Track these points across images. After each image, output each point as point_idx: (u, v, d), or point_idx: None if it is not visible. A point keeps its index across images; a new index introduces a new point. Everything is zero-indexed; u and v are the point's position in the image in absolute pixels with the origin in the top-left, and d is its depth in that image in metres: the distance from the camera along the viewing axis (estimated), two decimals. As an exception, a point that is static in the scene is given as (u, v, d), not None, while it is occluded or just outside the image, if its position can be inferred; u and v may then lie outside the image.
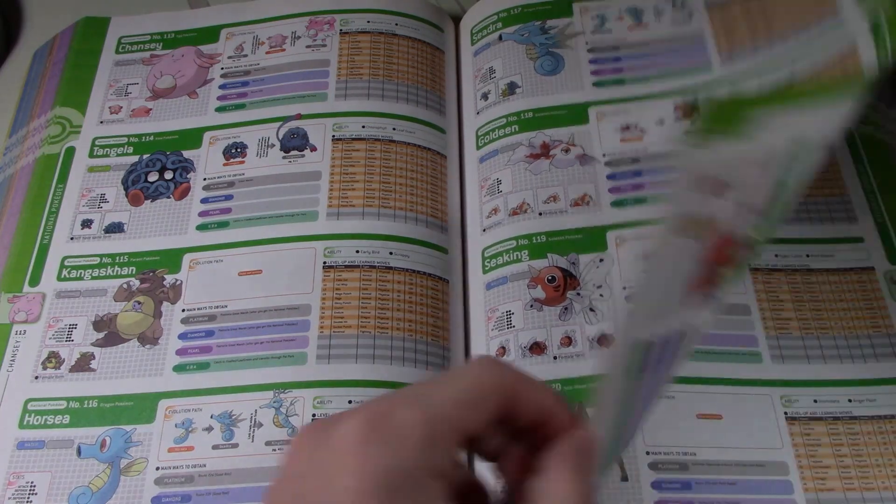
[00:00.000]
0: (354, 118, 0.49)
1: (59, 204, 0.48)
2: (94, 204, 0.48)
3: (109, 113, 0.52)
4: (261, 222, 0.46)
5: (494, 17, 0.53)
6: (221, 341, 0.43)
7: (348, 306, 0.43)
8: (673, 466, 0.38)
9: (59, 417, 0.41)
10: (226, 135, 0.50)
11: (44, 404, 0.42)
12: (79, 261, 0.46)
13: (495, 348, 0.43)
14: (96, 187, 0.49)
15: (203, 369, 0.42)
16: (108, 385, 0.42)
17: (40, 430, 0.41)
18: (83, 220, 0.47)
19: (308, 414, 0.40)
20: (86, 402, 0.41)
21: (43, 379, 0.42)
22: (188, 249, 0.46)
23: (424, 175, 0.48)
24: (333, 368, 0.41)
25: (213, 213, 0.47)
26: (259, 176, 0.48)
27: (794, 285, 0.44)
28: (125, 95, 0.52)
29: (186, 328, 0.43)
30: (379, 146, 0.48)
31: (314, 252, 0.45)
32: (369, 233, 0.46)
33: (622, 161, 0.47)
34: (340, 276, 0.44)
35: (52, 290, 0.45)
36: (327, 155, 0.48)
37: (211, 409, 0.41)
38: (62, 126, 0.51)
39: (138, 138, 0.50)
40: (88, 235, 0.47)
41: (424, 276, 0.45)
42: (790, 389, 0.41)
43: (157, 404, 0.41)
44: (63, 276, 0.46)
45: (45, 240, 0.47)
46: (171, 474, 0.39)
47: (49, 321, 0.44)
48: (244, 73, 0.52)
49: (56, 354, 0.43)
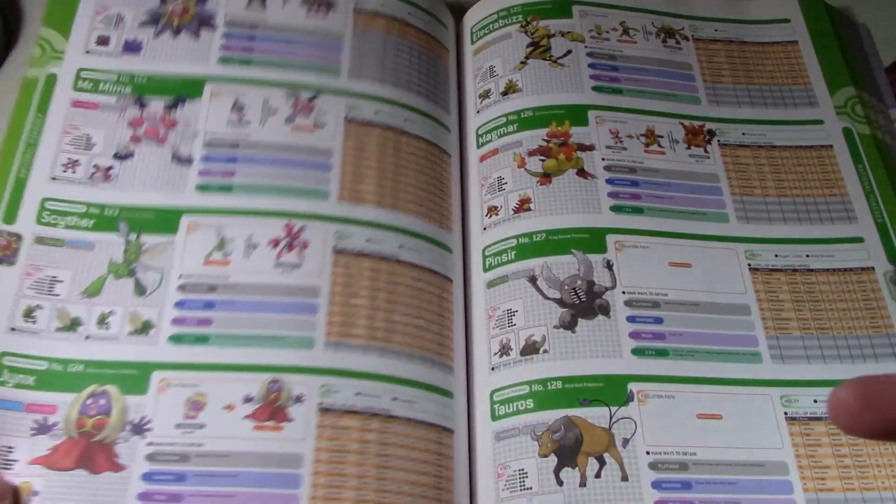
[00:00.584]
0: (368, 102, 0.48)
1: (38, 136, 0.44)
2: (80, 144, 0.44)
3: (96, 43, 0.48)
4: (268, 192, 0.44)
5: (494, 17, 0.53)
6: (222, 314, 0.41)
7: (360, 295, 0.42)
8: (673, 466, 0.38)
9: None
10: (230, 90, 0.47)
11: (21, 361, 0.39)
12: (62, 205, 0.43)
13: (496, 347, 0.42)
14: (82, 125, 0.45)
15: (202, 343, 0.40)
16: (97, 349, 0.40)
17: (18, 391, 0.38)
18: (67, 159, 0.44)
19: (314, 403, 0.39)
20: (69, 366, 0.39)
21: (20, 332, 0.40)
22: (187, 210, 0.44)
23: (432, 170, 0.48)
24: (342, 357, 0.41)
25: (214, 173, 0.45)
26: (265, 142, 0.46)
27: (794, 285, 0.44)
28: (115, 27, 0.48)
29: (184, 296, 0.41)
30: (392, 135, 0.48)
31: (325, 233, 0.43)
32: (381, 222, 0.45)
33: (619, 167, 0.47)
34: (351, 262, 0.43)
35: (30, 233, 0.42)
36: (340, 135, 0.47)
37: (210, 385, 0.39)
38: (42, 48, 0.48)
39: (130, 78, 0.47)
40: (73, 179, 0.43)
41: (432, 273, 0.45)
42: (790, 389, 0.41)
43: (150, 375, 0.39)
44: (44, 219, 0.42)
45: (23, 174, 0.43)
46: (165, 451, 0.38)
47: (27, 268, 0.41)
48: (250, 27, 0.49)
49: (36, 308, 0.40)
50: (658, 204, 0.46)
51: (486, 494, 0.39)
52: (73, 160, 0.44)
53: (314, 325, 0.41)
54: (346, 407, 0.39)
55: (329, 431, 0.39)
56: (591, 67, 0.51)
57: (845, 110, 0.50)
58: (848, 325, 0.43)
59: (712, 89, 0.51)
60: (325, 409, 0.39)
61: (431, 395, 0.41)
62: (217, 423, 0.38)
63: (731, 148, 0.49)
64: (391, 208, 0.45)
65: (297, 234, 0.43)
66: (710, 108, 0.50)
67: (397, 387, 0.41)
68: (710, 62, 0.52)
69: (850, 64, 0.53)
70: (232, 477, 0.37)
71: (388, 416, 0.40)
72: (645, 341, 0.42)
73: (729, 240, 0.45)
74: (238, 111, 0.46)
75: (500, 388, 0.41)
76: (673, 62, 0.52)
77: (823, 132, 0.50)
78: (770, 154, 0.49)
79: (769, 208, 0.47)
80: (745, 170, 0.48)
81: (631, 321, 0.42)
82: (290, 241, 0.43)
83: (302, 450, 0.38)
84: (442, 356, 0.43)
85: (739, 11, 0.55)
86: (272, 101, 0.47)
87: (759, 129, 0.50)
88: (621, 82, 0.50)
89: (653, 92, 0.50)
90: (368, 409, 0.40)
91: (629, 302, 0.43)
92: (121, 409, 0.38)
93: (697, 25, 0.54)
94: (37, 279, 0.41)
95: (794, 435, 0.40)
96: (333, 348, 0.41)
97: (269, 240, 0.43)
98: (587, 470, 0.38)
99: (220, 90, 0.47)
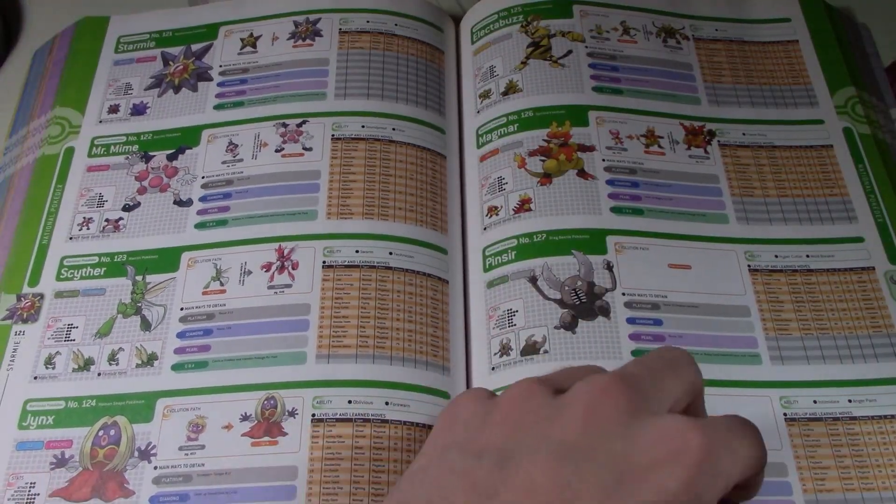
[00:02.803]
0: (354, 118, 0.49)
1: (58, 204, 0.48)
2: (93, 203, 0.48)
3: (108, 112, 0.52)
4: (260, 220, 0.46)
5: (495, 17, 0.53)
6: (219, 340, 0.43)
7: (349, 306, 0.43)
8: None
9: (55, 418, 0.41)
10: (224, 132, 0.50)
11: (43, 405, 0.41)
12: (78, 260, 0.46)
13: (496, 347, 0.43)
14: (95, 186, 0.49)
15: (201, 368, 0.42)
16: (107, 384, 0.42)
17: (39, 431, 0.41)
18: (82, 219, 0.47)
19: (307, 414, 0.40)
20: (83, 402, 0.41)
21: (42, 379, 0.42)
22: (187, 248, 0.46)
23: (424, 174, 0.48)
24: (333, 368, 0.41)
25: (211, 211, 0.47)
26: (257, 174, 0.48)
27: (794, 286, 0.44)
28: (124, 94, 0.52)
29: (185, 327, 0.43)
30: (379, 146, 0.48)
31: (314, 251, 0.45)
32: (369, 233, 0.45)
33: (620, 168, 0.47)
34: (340, 275, 0.44)
35: (50, 290, 0.45)
36: (327, 155, 0.48)
37: (210, 407, 0.41)
38: (61, 126, 0.51)
39: (136, 137, 0.50)
40: (87, 235, 0.47)
41: (424, 276, 0.45)
42: (790, 390, 0.41)
43: (155, 403, 0.41)
44: (62, 276, 0.46)
45: (45, 240, 0.47)
46: (169, 473, 0.39)
47: (48, 321, 0.44)
48: (242, 71, 0.52)
49: (55, 355, 0.43)
50: (658, 205, 0.46)
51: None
52: (87, 219, 0.48)
53: (306, 341, 0.42)
54: (339, 416, 0.40)
55: (322, 441, 0.40)
56: (592, 67, 0.51)
57: (845, 110, 0.50)
58: (848, 326, 0.43)
59: (712, 89, 0.51)
60: (317, 419, 0.40)
61: (426, 396, 0.41)
62: (216, 443, 0.40)
63: (731, 148, 0.49)
64: (379, 218, 0.46)
65: (288, 255, 0.45)
66: (711, 108, 0.50)
67: (389, 391, 0.41)
68: (711, 62, 0.52)
69: (851, 64, 0.53)
70: (232, 493, 0.38)
71: (381, 420, 0.40)
72: (645, 343, 0.42)
73: (729, 241, 0.45)
74: (232, 150, 0.49)
75: (500, 389, 0.41)
76: (673, 62, 0.52)
77: (824, 132, 0.50)
78: (770, 154, 0.49)
79: (769, 209, 0.47)
80: (745, 170, 0.48)
81: (631, 323, 0.42)
82: (282, 263, 0.45)
83: (296, 462, 0.39)
84: (437, 357, 0.43)
85: (740, 11, 0.55)
86: (263, 135, 0.49)
87: (760, 129, 0.50)
88: (621, 83, 0.50)
89: (653, 92, 0.50)
90: (361, 416, 0.40)
91: (629, 304, 0.43)
92: (129, 437, 0.40)
93: (698, 25, 0.54)
94: (55, 329, 0.44)
95: (793, 436, 0.40)
96: (325, 360, 0.42)
97: (262, 264, 0.45)
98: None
99: (215, 134, 0.50)
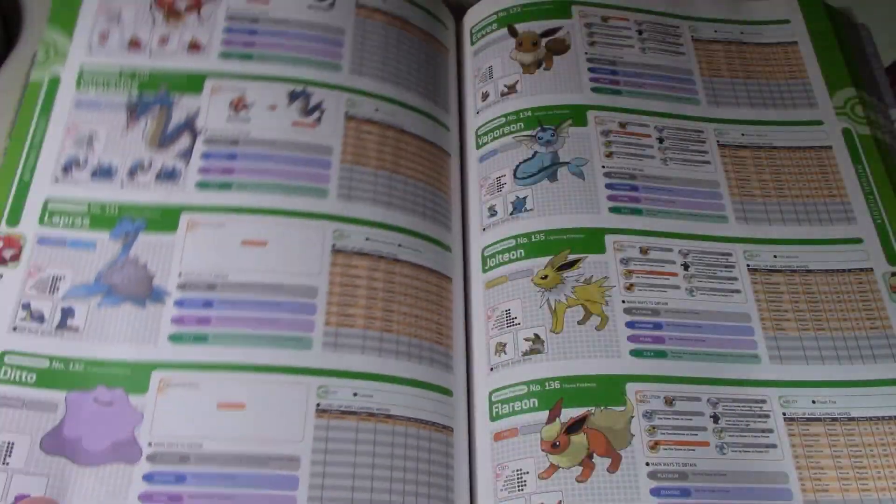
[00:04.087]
0: (369, 99, 0.48)
1: (41, 138, 0.44)
2: (82, 143, 0.44)
3: (98, 42, 0.48)
4: (267, 189, 0.44)
5: (494, 17, 0.53)
6: (221, 314, 0.41)
7: (357, 294, 0.42)
8: (672, 476, 0.38)
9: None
10: (230, 85, 0.47)
11: (22, 359, 0.39)
12: (64, 206, 0.43)
13: (495, 347, 0.43)
14: (84, 125, 0.45)
15: (201, 342, 0.40)
16: (97, 348, 0.40)
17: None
18: (69, 159, 0.44)
19: (312, 402, 0.39)
20: (70, 364, 0.39)
21: (21, 331, 0.40)
22: (187, 208, 0.43)
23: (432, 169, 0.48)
24: (339, 358, 0.41)
25: (214, 171, 0.44)
26: (266, 139, 0.45)
27: (793, 286, 0.44)
28: (117, 23, 0.48)
29: (183, 295, 0.41)
30: (392, 133, 0.48)
31: (322, 231, 0.43)
32: (381, 221, 0.45)
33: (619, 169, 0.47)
34: (350, 261, 0.43)
35: (32, 234, 0.42)
36: (340, 131, 0.47)
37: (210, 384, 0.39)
38: (46, 50, 0.47)
39: (132, 74, 0.47)
40: (76, 179, 0.44)
41: (430, 271, 0.45)
42: (788, 390, 0.41)
43: (150, 374, 0.39)
44: (45, 220, 0.42)
45: (26, 177, 0.43)
46: (164, 452, 0.38)
47: (30, 269, 0.41)
48: (252, 20, 0.49)
49: (37, 307, 0.40)
50: (657, 206, 0.46)
51: (485, 494, 0.40)
52: (74, 160, 0.44)
53: (313, 326, 0.41)
54: (343, 408, 0.39)
55: (325, 432, 0.39)
56: (591, 71, 0.51)
57: (845, 111, 0.50)
58: (846, 326, 0.43)
59: (711, 90, 0.51)
60: (322, 410, 0.39)
61: (429, 392, 0.41)
62: (214, 424, 0.38)
63: (731, 149, 0.49)
64: (390, 206, 0.45)
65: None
66: (710, 108, 0.50)
67: (394, 385, 0.41)
68: (710, 63, 0.52)
69: (850, 64, 0.53)
70: (230, 478, 0.37)
71: (386, 415, 0.40)
72: (644, 344, 0.42)
73: (728, 240, 0.45)
74: (238, 107, 0.46)
75: (498, 389, 0.41)
76: (672, 63, 0.52)
77: (823, 133, 0.50)
78: (769, 155, 0.49)
79: (768, 209, 0.47)
80: (744, 171, 0.48)
81: (630, 327, 0.42)
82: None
83: (299, 451, 0.38)
84: (441, 354, 0.43)
85: (739, 12, 0.55)
86: (273, 96, 0.47)
87: (759, 130, 0.50)
88: (620, 84, 0.50)
89: (652, 93, 0.50)
90: (365, 410, 0.40)
91: (629, 310, 0.43)
92: None
93: (697, 26, 0.54)
94: (39, 279, 0.41)
95: (792, 436, 0.40)
96: (331, 348, 0.41)
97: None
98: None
99: (220, 86, 0.47)
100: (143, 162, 0.44)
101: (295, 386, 0.40)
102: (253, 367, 0.40)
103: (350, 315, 0.42)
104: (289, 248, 0.43)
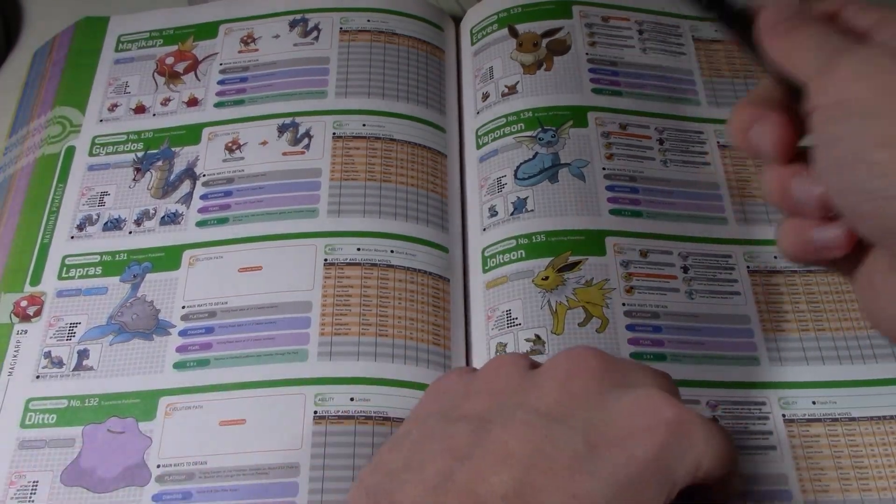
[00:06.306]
0: (355, 116, 0.49)
1: (59, 203, 0.48)
2: (94, 202, 0.48)
3: (108, 111, 0.52)
4: (261, 218, 0.46)
5: (494, 18, 0.53)
6: (222, 338, 0.43)
7: (350, 304, 0.43)
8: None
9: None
10: (224, 130, 0.50)
11: (44, 403, 0.41)
12: (79, 259, 0.46)
13: (495, 348, 0.43)
14: (96, 185, 0.49)
15: (203, 366, 0.42)
16: (109, 383, 0.42)
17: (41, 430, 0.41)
18: (83, 217, 0.47)
19: (310, 411, 0.40)
20: (86, 401, 0.41)
21: (43, 378, 0.42)
22: (188, 246, 0.46)
23: (425, 173, 0.48)
24: (334, 365, 0.41)
25: (212, 209, 0.47)
26: (259, 173, 0.48)
27: (793, 286, 0.44)
28: (124, 93, 0.52)
29: (186, 325, 0.43)
30: (380, 144, 0.48)
31: (314, 249, 0.45)
32: (371, 231, 0.45)
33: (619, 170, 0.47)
34: (342, 272, 0.44)
35: (52, 289, 0.45)
36: (328, 153, 0.48)
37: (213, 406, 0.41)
38: (62, 126, 0.51)
39: (137, 135, 0.50)
40: (90, 234, 0.47)
41: (426, 274, 0.45)
42: (788, 391, 0.41)
43: (157, 401, 0.41)
44: (63, 275, 0.45)
45: (46, 239, 0.47)
46: (172, 471, 0.39)
47: (49, 320, 0.44)
48: (243, 69, 0.52)
49: (56, 354, 0.43)
50: (658, 209, 0.46)
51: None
52: (88, 217, 0.47)
53: (307, 338, 0.42)
54: (340, 413, 0.40)
55: (323, 437, 0.40)
56: (592, 72, 0.51)
57: (845, 110, 0.50)
58: (847, 326, 0.43)
59: (712, 90, 0.51)
60: (319, 416, 0.40)
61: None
62: (218, 441, 0.40)
63: (731, 149, 0.49)
64: (380, 216, 0.46)
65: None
66: (710, 109, 0.50)
67: (390, 388, 0.41)
68: (710, 63, 0.52)
69: (851, 63, 0.52)
70: (234, 491, 0.38)
71: (383, 417, 0.40)
72: (644, 347, 0.42)
73: (728, 242, 0.45)
74: (232, 148, 0.49)
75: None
76: (673, 63, 0.52)
77: (823, 132, 0.50)
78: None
79: (769, 210, 0.47)
80: (744, 172, 0.48)
81: (630, 329, 0.42)
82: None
83: (298, 459, 0.39)
84: (439, 355, 0.43)
85: (739, 12, 0.55)
86: (264, 133, 0.49)
87: (759, 130, 0.50)
88: (621, 85, 0.50)
89: (652, 94, 0.50)
90: (362, 413, 0.40)
91: (629, 313, 0.43)
92: None
93: (697, 26, 0.54)
94: (57, 329, 0.44)
95: (792, 437, 0.40)
96: (326, 358, 0.42)
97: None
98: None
99: (215, 132, 0.50)
100: (148, 210, 0.48)
101: (292, 397, 0.41)
102: (252, 384, 0.41)
103: (344, 324, 0.43)
104: (283, 268, 0.44)
